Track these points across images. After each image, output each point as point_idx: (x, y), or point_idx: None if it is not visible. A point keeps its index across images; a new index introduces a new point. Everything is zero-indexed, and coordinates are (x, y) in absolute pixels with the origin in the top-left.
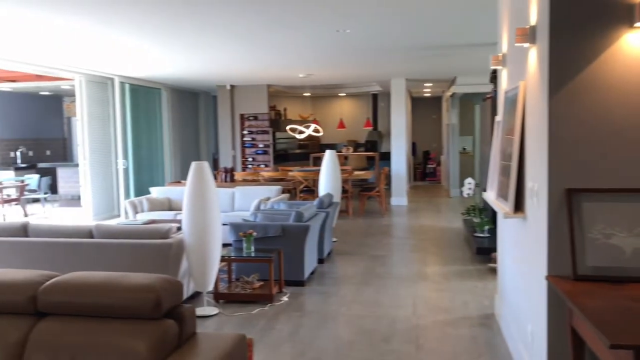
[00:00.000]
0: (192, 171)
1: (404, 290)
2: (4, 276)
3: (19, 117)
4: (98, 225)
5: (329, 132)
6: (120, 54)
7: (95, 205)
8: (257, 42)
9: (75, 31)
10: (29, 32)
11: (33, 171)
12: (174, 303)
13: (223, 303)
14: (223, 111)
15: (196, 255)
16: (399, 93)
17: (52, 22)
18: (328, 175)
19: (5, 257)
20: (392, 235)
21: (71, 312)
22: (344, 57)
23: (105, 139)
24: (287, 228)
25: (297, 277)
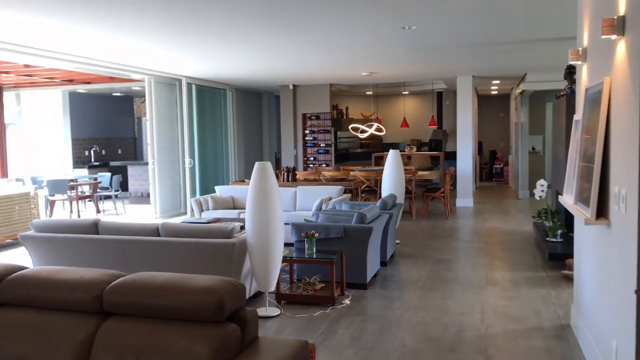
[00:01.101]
0: (255, 171)
1: (471, 297)
2: (73, 275)
3: (92, 118)
4: (164, 224)
5: (392, 131)
6: (187, 54)
7: (163, 203)
8: (321, 41)
9: (145, 33)
10: (103, 36)
11: (105, 169)
12: (236, 306)
13: (285, 304)
14: (285, 111)
15: (259, 255)
16: (466, 91)
17: (124, 24)
18: (391, 175)
19: (77, 253)
20: (457, 238)
21: (135, 312)
22: (409, 54)
23: (172, 138)
24: (349, 229)
25: (360, 279)
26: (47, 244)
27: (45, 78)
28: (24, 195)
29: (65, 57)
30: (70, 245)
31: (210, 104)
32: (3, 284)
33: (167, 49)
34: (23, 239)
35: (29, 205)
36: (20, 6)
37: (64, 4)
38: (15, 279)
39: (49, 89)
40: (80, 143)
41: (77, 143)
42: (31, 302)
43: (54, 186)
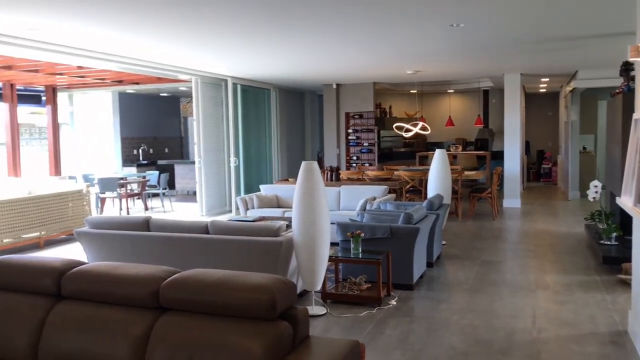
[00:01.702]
0: (302, 171)
1: (521, 300)
2: (130, 270)
3: (141, 117)
4: (213, 222)
5: (436, 130)
6: (232, 55)
7: (209, 201)
8: (366, 40)
9: (193, 33)
10: (151, 37)
11: (153, 168)
12: (288, 304)
13: (330, 303)
14: (328, 110)
15: (305, 253)
16: (513, 89)
17: (173, 25)
18: (438, 175)
19: (129, 249)
20: (505, 239)
21: (190, 308)
22: (456, 52)
23: (218, 138)
24: (396, 230)
25: (406, 280)
26: (101, 240)
27: (97, 79)
28: (77, 193)
29: (116, 58)
30: (122, 242)
31: (254, 103)
32: (64, 279)
33: (214, 51)
34: (78, 234)
35: (82, 202)
36: (77, 17)
37: (115, 14)
38: (75, 273)
39: (99, 89)
40: (129, 142)
41: (126, 142)
42: (90, 296)
43: (104, 184)
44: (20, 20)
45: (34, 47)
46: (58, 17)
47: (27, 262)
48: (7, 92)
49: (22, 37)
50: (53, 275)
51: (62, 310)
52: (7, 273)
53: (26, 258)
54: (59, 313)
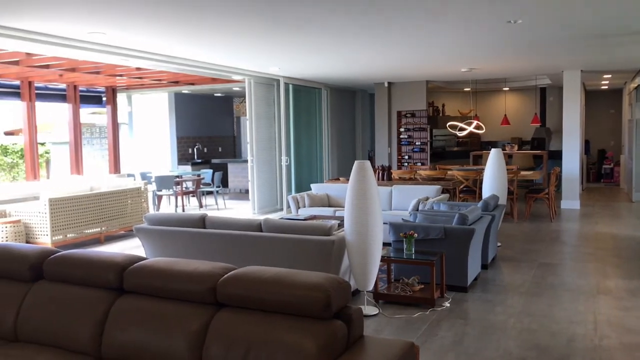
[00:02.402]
0: (354, 170)
1: (581, 305)
2: (188, 267)
3: (195, 117)
4: (266, 220)
5: (491, 128)
6: (284, 55)
7: (260, 199)
8: (420, 38)
9: (247, 33)
10: (209, 38)
11: (207, 166)
12: (342, 304)
13: (382, 303)
14: (380, 108)
15: (357, 253)
16: (573, 86)
17: (227, 31)
18: (493, 175)
19: (186, 246)
20: (563, 241)
21: (246, 305)
22: (513, 49)
23: (270, 137)
24: (450, 230)
25: (460, 282)
26: (159, 236)
27: (154, 80)
28: (136, 190)
29: (173, 60)
30: (179, 238)
31: (305, 103)
32: (126, 274)
33: (266, 53)
34: (137, 231)
35: (140, 200)
36: (138, 25)
37: (173, 22)
38: (137, 268)
39: (156, 90)
40: (184, 141)
41: (182, 141)
42: (151, 291)
43: (161, 182)
44: (85, 27)
45: (96, 50)
46: (121, 25)
47: (92, 257)
48: (70, 93)
49: (85, 40)
50: (116, 270)
51: (123, 303)
52: (72, 267)
53: (90, 253)
54: (121, 306)
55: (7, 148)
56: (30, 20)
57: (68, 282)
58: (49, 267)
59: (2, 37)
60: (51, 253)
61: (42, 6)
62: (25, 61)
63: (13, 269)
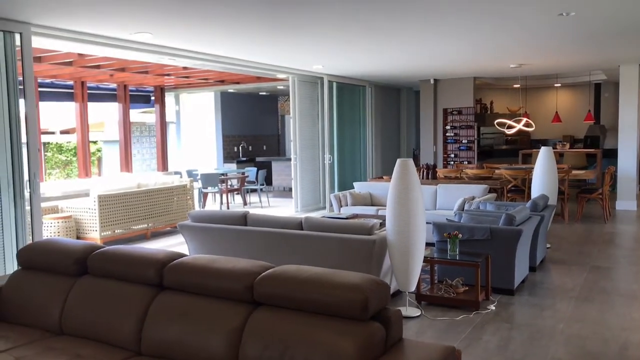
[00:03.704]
0: (397, 168)
1: (636, 312)
2: (226, 264)
3: (241, 116)
4: (307, 218)
5: (541, 126)
6: (328, 53)
7: (303, 197)
8: (466, 33)
9: (291, 31)
10: (253, 36)
11: (251, 164)
12: (381, 305)
13: (425, 305)
14: (425, 106)
15: (399, 253)
16: (630, 81)
17: (272, 29)
18: (543, 174)
19: (228, 243)
20: (617, 244)
21: (283, 304)
22: (565, 43)
23: (313, 135)
24: (496, 231)
25: (506, 285)
26: (202, 233)
27: (200, 79)
28: (182, 188)
29: (218, 59)
30: (222, 235)
31: (349, 100)
32: (166, 270)
33: (310, 51)
34: (181, 227)
35: (186, 197)
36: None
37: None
38: (176, 265)
39: (203, 89)
40: (230, 140)
41: (227, 140)
42: (189, 288)
43: (206, 179)
44: (130, 27)
45: (142, 50)
46: (166, 25)
47: (133, 253)
48: (120, 92)
49: (131, 40)
50: (156, 266)
51: (163, 300)
52: (115, 262)
53: (132, 249)
54: (160, 303)
55: (62, 146)
56: (80, 21)
57: (111, 278)
58: (93, 262)
59: (57, 38)
60: (96, 248)
61: (92, 7)
62: (78, 62)
63: (59, 263)
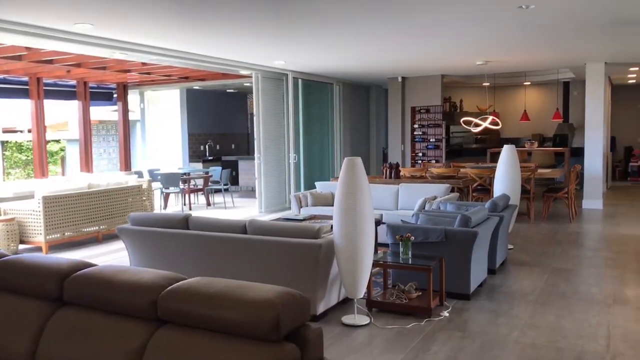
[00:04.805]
0: (343, 167)
1: (594, 317)
2: (133, 277)
3: (208, 114)
4: (252, 221)
5: (511, 125)
6: (291, 48)
7: (268, 198)
8: (429, 28)
9: (249, 25)
10: (209, 30)
11: (218, 164)
12: (297, 323)
13: (376, 312)
14: (393, 104)
15: (346, 258)
16: (597, 80)
17: (230, 19)
18: (506, 173)
19: (169, 248)
20: (581, 245)
21: (189, 322)
22: (529, 39)
23: (279, 133)
24: (451, 233)
25: (462, 289)
26: (142, 237)
27: (163, 76)
28: (137, 188)
29: (175, 53)
30: (162, 240)
31: (317, 98)
32: (67, 283)
33: (272, 45)
34: (120, 231)
35: (141, 198)
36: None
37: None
38: (78, 277)
39: (168, 86)
40: (196, 138)
41: (193, 138)
42: (91, 303)
43: (167, 179)
44: (71, 18)
45: (87, 43)
46: (123, 17)
47: (33, 263)
48: (80, 89)
49: (73, 31)
50: (57, 278)
51: (63, 316)
52: (12, 274)
53: (35, 258)
54: (59, 319)
55: (22, 145)
56: (17, 10)
57: (5, 291)
58: None
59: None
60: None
61: None
62: (29, 56)
63: None
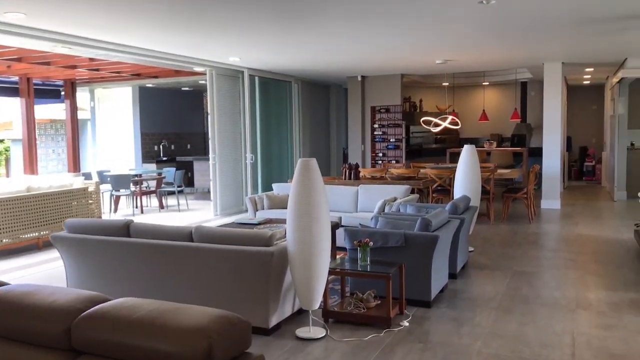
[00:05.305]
0: (297, 169)
1: (558, 323)
2: (46, 299)
3: (162, 113)
4: (198, 228)
5: (470, 125)
6: (246, 44)
7: (224, 200)
8: (389, 24)
9: (199, 18)
10: (168, 28)
11: (173, 164)
12: (234, 353)
13: (333, 323)
14: (353, 104)
15: (300, 267)
16: (554, 79)
17: (181, 12)
18: (465, 174)
19: (108, 257)
20: (541, 246)
21: (108, 353)
22: (488, 37)
23: (235, 133)
24: (411, 238)
25: (422, 296)
26: (78, 246)
27: (113, 72)
28: (82, 191)
29: (128, 49)
30: (101, 249)
31: (275, 97)
32: None
33: (226, 41)
34: (55, 239)
35: (87, 201)
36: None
37: None
38: None
39: (119, 84)
40: (150, 138)
41: (147, 138)
42: None
43: (117, 181)
44: (16, 7)
45: (20, 34)
46: (61, 6)
47: None
48: (23, 86)
49: (4, 22)
50: None
51: None
52: None
53: None
54: None
55: None
56: None
57: None
58: None
59: None
60: None
61: None
62: None
63: None
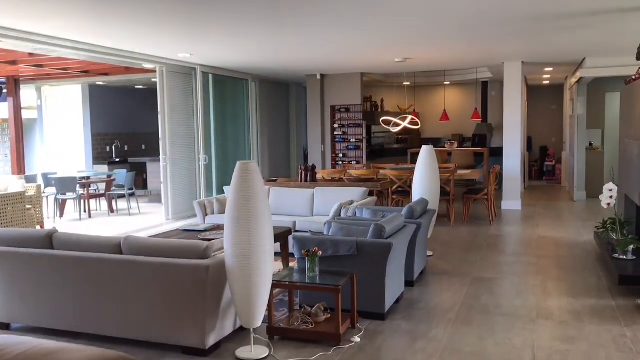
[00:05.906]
0: (235, 173)
1: (517, 335)
2: None
3: (115, 112)
4: (127, 239)
5: (431, 125)
6: (196, 39)
7: (176, 204)
8: (343, 19)
9: (149, 14)
10: (108, 19)
11: (126, 166)
12: None
13: (278, 340)
14: (312, 103)
15: (240, 282)
16: (514, 79)
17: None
18: (424, 175)
19: (29, 272)
20: (501, 250)
21: None
22: (446, 34)
23: (188, 133)
24: (364, 245)
25: (376, 308)
26: None
27: (58, 69)
28: (19, 195)
29: (70, 44)
30: (21, 262)
31: (231, 95)
32: None
33: (173, 35)
34: None
35: (24, 206)
36: None
37: None
38: None
39: (68, 81)
40: (101, 138)
41: (98, 138)
42: None
43: (62, 184)
44: None
45: None
46: None
47: None
48: None
49: None
50: None
51: None
52: None
53: None
54: None
55: None
56: None
57: None
58: None
59: None
60: None
61: None
62: None
63: None
